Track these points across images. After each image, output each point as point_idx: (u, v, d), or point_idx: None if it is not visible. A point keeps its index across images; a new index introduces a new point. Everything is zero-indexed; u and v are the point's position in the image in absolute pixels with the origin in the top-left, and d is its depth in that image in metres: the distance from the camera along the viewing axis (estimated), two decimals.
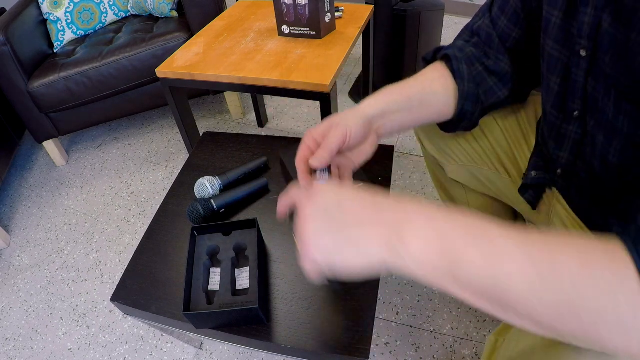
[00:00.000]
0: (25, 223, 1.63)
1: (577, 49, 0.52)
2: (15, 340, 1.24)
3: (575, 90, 0.55)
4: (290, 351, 0.62)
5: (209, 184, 0.83)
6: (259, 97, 1.82)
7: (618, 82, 0.47)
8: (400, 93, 0.63)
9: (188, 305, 0.64)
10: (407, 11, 1.65)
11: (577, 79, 0.54)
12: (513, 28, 0.65)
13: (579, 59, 0.52)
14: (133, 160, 1.84)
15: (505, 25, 0.66)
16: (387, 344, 1.09)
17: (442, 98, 0.66)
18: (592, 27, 0.48)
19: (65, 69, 1.61)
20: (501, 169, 0.80)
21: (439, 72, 0.67)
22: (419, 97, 0.64)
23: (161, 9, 1.81)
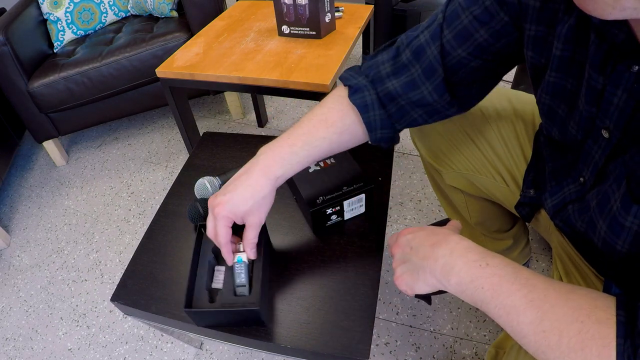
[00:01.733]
0: (25, 223, 1.63)
1: (597, 124, 0.47)
2: (15, 340, 1.24)
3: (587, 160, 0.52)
4: (290, 351, 0.62)
5: (209, 184, 0.82)
6: (259, 97, 1.82)
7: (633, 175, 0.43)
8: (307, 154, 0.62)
9: (190, 302, 0.64)
10: (407, 11, 1.66)
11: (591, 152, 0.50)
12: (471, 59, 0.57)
13: (598, 135, 0.48)
14: (133, 160, 1.84)
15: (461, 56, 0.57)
16: (387, 344, 1.09)
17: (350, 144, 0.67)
18: (623, 115, 0.43)
19: (65, 69, 1.61)
20: (499, 179, 0.79)
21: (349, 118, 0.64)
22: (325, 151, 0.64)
23: (161, 9, 1.81)
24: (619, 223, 0.45)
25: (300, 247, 0.75)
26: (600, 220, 0.49)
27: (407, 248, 0.54)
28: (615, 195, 0.45)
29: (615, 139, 0.45)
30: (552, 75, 0.51)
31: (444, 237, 0.52)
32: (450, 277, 0.48)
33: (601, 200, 0.49)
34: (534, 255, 1.25)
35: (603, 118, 0.46)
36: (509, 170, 0.78)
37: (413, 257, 0.53)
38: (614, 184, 0.46)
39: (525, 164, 0.75)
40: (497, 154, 0.78)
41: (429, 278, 0.50)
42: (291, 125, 0.65)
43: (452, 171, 0.84)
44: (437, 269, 0.49)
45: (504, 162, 0.78)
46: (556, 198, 0.60)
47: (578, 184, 0.55)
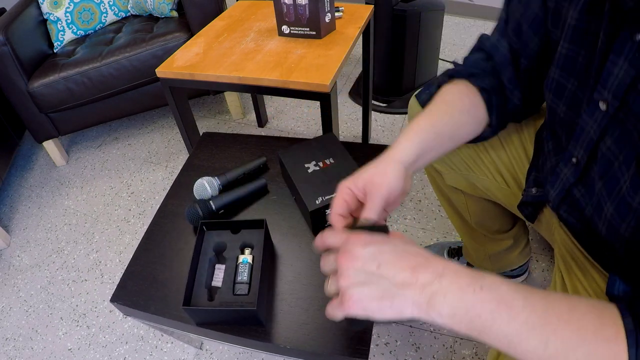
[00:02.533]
0: (25, 223, 1.63)
1: (595, 97, 0.47)
2: (15, 340, 1.24)
3: (580, 137, 0.51)
4: (290, 352, 0.62)
5: (207, 184, 0.82)
6: (259, 97, 1.82)
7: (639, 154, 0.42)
8: (432, 130, 0.59)
9: (189, 299, 0.64)
10: (407, 11, 1.65)
11: (585, 127, 0.50)
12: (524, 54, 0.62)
13: (595, 109, 0.47)
14: (133, 160, 1.84)
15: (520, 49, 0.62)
16: (387, 344, 1.09)
17: (469, 130, 0.64)
18: (622, 84, 0.43)
19: (65, 69, 1.61)
20: (500, 179, 0.79)
21: (469, 99, 0.64)
22: (449, 132, 0.61)
23: (161, 9, 1.81)
24: (626, 203, 0.45)
25: (300, 247, 0.75)
26: (608, 202, 0.48)
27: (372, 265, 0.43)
28: (625, 176, 0.45)
29: (613, 110, 0.45)
30: (565, 47, 0.52)
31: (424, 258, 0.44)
32: (441, 309, 0.41)
33: (609, 182, 0.48)
34: (534, 255, 1.25)
35: (601, 90, 0.46)
36: (511, 171, 0.78)
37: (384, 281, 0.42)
38: (622, 166, 0.45)
39: (527, 164, 0.74)
40: (498, 154, 0.78)
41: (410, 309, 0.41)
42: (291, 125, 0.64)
43: (453, 172, 0.84)
44: (423, 301, 0.41)
45: (504, 163, 0.78)
46: (557, 187, 0.60)
47: (571, 165, 0.55)
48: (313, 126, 1.87)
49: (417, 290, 0.41)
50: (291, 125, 1.89)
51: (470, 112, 0.63)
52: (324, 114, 1.12)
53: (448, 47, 2.29)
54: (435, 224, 1.38)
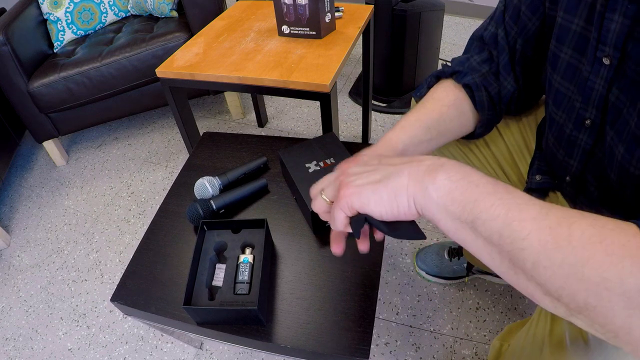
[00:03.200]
0: (25, 223, 1.63)
1: (598, 55, 0.50)
2: (15, 340, 1.24)
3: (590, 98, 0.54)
4: (290, 351, 0.62)
5: (208, 184, 0.82)
6: (259, 97, 1.82)
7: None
8: (420, 125, 0.62)
9: (189, 299, 0.64)
10: (407, 11, 1.65)
11: (594, 86, 0.52)
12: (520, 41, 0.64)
13: (600, 66, 0.50)
14: (133, 160, 1.84)
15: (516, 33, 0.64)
16: (387, 344, 1.09)
17: (457, 123, 0.67)
18: (620, 35, 0.46)
19: (65, 69, 1.61)
20: (500, 173, 0.80)
21: (453, 94, 0.66)
22: (437, 126, 0.63)
23: (161, 9, 1.81)
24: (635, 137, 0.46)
25: (300, 247, 0.75)
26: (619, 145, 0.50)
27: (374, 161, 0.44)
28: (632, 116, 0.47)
29: (616, 61, 0.48)
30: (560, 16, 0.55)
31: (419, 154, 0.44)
32: (438, 173, 0.38)
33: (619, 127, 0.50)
34: None
35: (602, 47, 0.49)
36: (510, 163, 0.78)
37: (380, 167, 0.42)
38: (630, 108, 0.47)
39: (528, 155, 0.75)
40: (500, 148, 0.78)
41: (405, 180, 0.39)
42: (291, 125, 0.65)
43: None
44: (422, 168, 0.39)
45: (505, 156, 0.78)
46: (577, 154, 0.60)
47: (585, 129, 0.56)
48: (313, 126, 1.87)
49: (414, 164, 0.40)
50: (291, 125, 1.89)
51: (456, 106, 0.65)
52: (324, 114, 1.12)
53: (448, 47, 2.29)
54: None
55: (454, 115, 0.65)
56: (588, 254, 0.32)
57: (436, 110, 0.64)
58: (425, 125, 0.62)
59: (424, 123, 0.62)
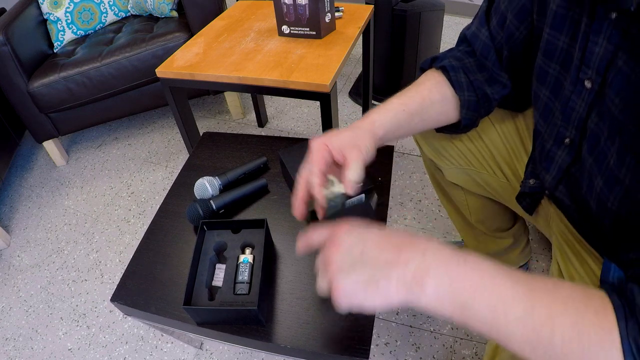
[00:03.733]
0: (25, 223, 1.63)
1: (581, 77, 0.49)
2: (15, 340, 1.24)
3: (570, 117, 0.53)
4: (290, 351, 0.62)
5: (208, 184, 0.82)
6: (259, 97, 1.82)
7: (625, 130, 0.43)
8: (403, 109, 0.62)
9: (189, 299, 0.64)
10: (407, 11, 1.65)
11: (575, 107, 0.52)
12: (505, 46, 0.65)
13: (582, 88, 0.50)
14: (133, 160, 1.84)
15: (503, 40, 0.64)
16: (387, 344, 1.09)
17: (440, 107, 0.67)
18: (603, 60, 0.45)
19: (65, 69, 1.61)
20: (499, 173, 0.80)
21: (435, 79, 0.67)
22: (419, 110, 0.64)
23: (161, 9, 1.81)
24: (614, 176, 0.46)
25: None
26: (598, 176, 0.50)
27: (356, 251, 0.43)
28: (611, 150, 0.46)
29: (597, 86, 0.47)
30: (547, 32, 0.54)
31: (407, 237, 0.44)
32: (426, 282, 0.40)
33: (598, 157, 0.50)
34: (534, 255, 1.25)
35: (586, 69, 0.48)
36: (510, 165, 0.78)
37: (368, 264, 0.42)
38: (608, 141, 0.47)
39: (526, 158, 0.75)
40: (498, 148, 0.78)
41: (395, 288, 0.41)
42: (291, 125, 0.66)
43: (453, 167, 0.84)
44: (409, 275, 0.40)
45: (504, 157, 0.78)
46: (553, 170, 0.61)
47: (564, 146, 0.57)
48: (313, 126, 1.87)
49: (400, 267, 0.41)
50: (291, 125, 1.89)
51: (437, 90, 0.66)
52: (324, 114, 1.12)
53: (448, 47, 2.28)
54: (435, 224, 1.38)
55: (437, 99, 0.66)
56: (567, 352, 0.36)
57: (419, 94, 0.65)
58: (409, 111, 0.63)
59: (407, 107, 0.63)
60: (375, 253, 0.43)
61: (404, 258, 0.42)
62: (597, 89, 0.47)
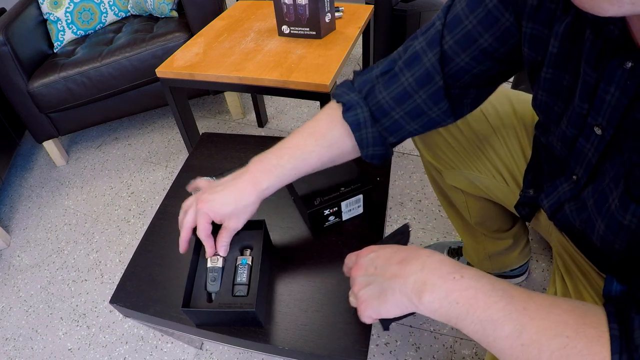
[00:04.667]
0: (25, 223, 1.63)
1: (589, 122, 0.47)
2: (15, 340, 1.24)
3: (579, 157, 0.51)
4: (288, 353, 0.62)
5: None
6: (259, 97, 1.82)
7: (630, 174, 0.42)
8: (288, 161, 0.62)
9: (188, 301, 0.64)
10: (407, 11, 1.65)
11: (583, 149, 0.50)
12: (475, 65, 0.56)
13: (591, 132, 0.47)
14: (133, 160, 1.84)
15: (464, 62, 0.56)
16: (387, 344, 1.09)
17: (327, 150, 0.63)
18: (616, 112, 0.43)
19: (65, 69, 1.61)
20: (499, 178, 0.79)
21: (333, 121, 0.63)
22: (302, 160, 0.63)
23: (161, 9, 1.81)
24: (617, 222, 0.45)
25: (298, 248, 0.75)
26: (599, 219, 0.49)
27: (371, 268, 0.50)
28: (613, 194, 0.45)
29: (609, 136, 0.45)
30: (549, 72, 0.51)
31: (413, 252, 0.49)
32: (423, 294, 0.44)
33: (599, 199, 0.48)
34: (533, 255, 1.24)
35: (595, 116, 0.46)
36: (509, 169, 0.78)
37: (379, 278, 0.49)
38: (611, 183, 0.46)
39: (525, 164, 0.74)
40: (498, 153, 0.78)
41: (399, 298, 0.46)
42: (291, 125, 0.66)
43: (453, 170, 0.84)
44: (409, 287, 0.45)
45: (504, 162, 0.78)
46: (552, 198, 0.60)
47: (571, 182, 0.55)
48: None
49: (402, 280, 0.46)
50: (291, 125, 1.89)
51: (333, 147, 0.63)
52: None
53: None
54: (435, 224, 1.38)
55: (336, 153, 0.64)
56: None
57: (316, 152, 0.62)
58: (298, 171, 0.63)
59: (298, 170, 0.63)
60: (385, 268, 0.49)
61: (405, 272, 0.47)
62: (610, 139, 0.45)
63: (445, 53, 0.56)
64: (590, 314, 0.39)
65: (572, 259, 0.65)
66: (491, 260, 1.08)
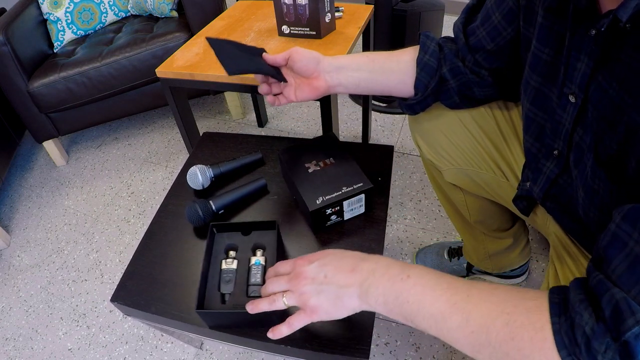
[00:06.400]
0: (25, 223, 1.63)
1: (565, 91, 0.51)
2: (15, 340, 1.24)
3: (558, 130, 0.54)
4: (290, 351, 0.62)
5: (199, 172, 0.84)
6: (259, 97, 1.82)
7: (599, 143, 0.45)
8: (366, 55, 0.70)
9: (202, 303, 0.63)
10: (407, 11, 1.65)
11: (561, 120, 0.53)
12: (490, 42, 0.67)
13: (567, 102, 0.51)
14: (133, 160, 1.84)
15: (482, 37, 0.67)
16: (387, 344, 1.09)
17: (404, 66, 0.71)
18: (584, 77, 0.47)
19: (65, 69, 1.61)
20: (498, 172, 0.80)
21: (410, 48, 0.74)
22: (383, 62, 0.70)
23: (161, 9, 1.81)
24: (591, 188, 0.48)
25: (300, 248, 0.75)
26: (580, 188, 0.52)
27: (320, 277, 0.52)
28: (589, 162, 0.48)
29: (580, 101, 0.48)
30: (535, 46, 0.55)
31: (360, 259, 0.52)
32: (377, 297, 0.48)
33: (580, 169, 0.51)
34: (533, 255, 1.25)
35: (570, 84, 0.49)
36: (509, 163, 0.78)
37: (332, 287, 0.51)
38: (588, 152, 0.48)
39: (524, 158, 0.75)
40: (497, 147, 0.78)
41: (354, 302, 0.50)
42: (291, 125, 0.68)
43: (452, 167, 0.84)
44: (363, 293, 0.49)
45: (503, 156, 0.78)
46: (540, 181, 0.62)
47: (553, 158, 0.58)
48: (313, 126, 1.87)
49: (356, 287, 0.50)
50: (291, 125, 1.89)
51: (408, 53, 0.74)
52: (324, 114, 1.12)
53: None
54: (435, 224, 1.38)
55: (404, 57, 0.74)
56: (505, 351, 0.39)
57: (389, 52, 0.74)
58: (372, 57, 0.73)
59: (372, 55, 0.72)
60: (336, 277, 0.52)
61: (358, 279, 0.50)
62: (580, 104, 0.49)
63: None
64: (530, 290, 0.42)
65: (566, 249, 0.66)
66: (491, 260, 1.08)
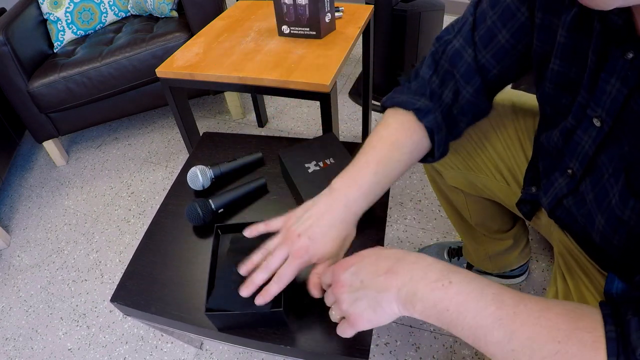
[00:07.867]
0: (25, 223, 1.63)
1: (589, 113, 0.47)
2: (15, 340, 1.24)
3: (575, 151, 0.51)
4: (290, 351, 0.62)
5: (200, 173, 0.84)
6: (259, 97, 1.82)
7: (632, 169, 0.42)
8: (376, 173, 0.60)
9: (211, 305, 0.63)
10: (407, 11, 1.65)
11: (580, 142, 0.50)
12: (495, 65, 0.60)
13: (589, 125, 0.47)
14: (133, 160, 1.84)
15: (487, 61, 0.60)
16: (387, 344, 1.09)
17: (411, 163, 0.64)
18: (616, 103, 0.43)
19: (65, 69, 1.61)
20: (499, 177, 0.79)
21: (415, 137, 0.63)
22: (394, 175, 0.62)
23: (161, 9, 1.81)
24: (616, 217, 0.45)
25: None
26: (599, 214, 0.49)
27: (357, 283, 0.49)
28: (613, 189, 0.45)
29: (607, 128, 0.45)
30: (557, 64, 0.52)
31: (397, 260, 0.48)
32: (415, 304, 0.44)
33: (599, 194, 0.48)
34: (533, 255, 1.25)
35: (595, 107, 0.46)
36: (510, 168, 0.78)
37: (369, 292, 0.48)
38: (611, 178, 0.46)
39: (526, 163, 0.75)
40: (498, 152, 0.78)
41: (394, 307, 0.46)
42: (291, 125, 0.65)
43: (453, 171, 0.84)
44: (401, 298, 0.46)
45: (504, 161, 0.78)
46: (550, 195, 0.60)
47: (566, 176, 0.55)
48: (313, 126, 1.87)
49: (394, 292, 0.46)
50: (291, 125, 1.89)
51: (413, 153, 0.64)
52: (324, 114, 1.12)
53: None
54: (435, 224, 1.38)
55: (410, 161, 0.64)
56: None
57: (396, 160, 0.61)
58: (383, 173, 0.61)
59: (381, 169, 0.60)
60: (372, 281, 0.48)
61: (395, 284, 0.46)
62: (607, 130, 0.45)
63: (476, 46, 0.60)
64: (585, 317, 0.38)
65: (573, 257, 0.65)
66: (491, 261, 1.08)
